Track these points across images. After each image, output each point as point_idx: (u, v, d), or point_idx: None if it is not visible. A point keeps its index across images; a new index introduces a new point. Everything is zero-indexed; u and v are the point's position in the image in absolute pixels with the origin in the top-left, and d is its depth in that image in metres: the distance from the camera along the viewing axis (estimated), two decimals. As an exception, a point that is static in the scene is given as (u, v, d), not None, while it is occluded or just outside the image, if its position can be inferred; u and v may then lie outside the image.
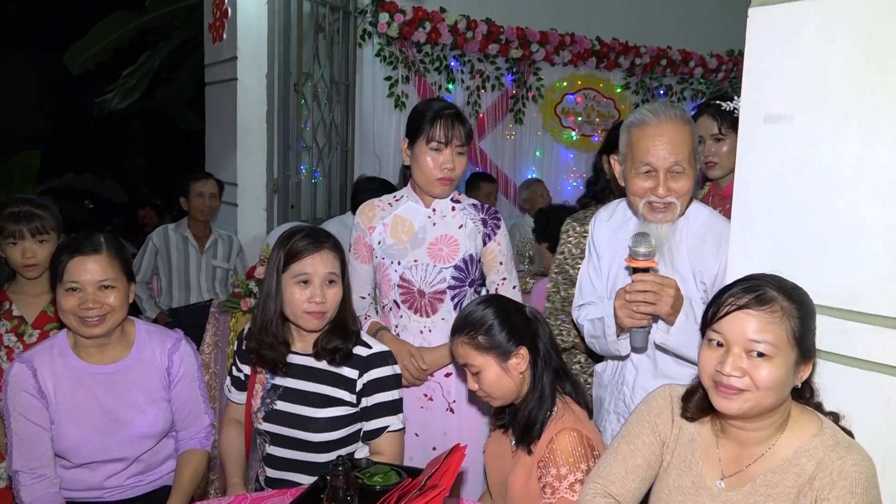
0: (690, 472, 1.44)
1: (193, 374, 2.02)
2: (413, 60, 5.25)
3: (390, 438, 1.88)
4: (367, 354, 1.88)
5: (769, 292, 1.32)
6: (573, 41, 5.84)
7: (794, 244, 1.55)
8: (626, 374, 1.94)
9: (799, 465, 1.33)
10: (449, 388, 2.17)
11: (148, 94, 8.05)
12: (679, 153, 1.75)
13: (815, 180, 1.51)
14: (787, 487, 1.32)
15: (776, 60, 1.55)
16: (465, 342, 1.73)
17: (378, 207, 2.23)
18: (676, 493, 1.45)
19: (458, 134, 2.09)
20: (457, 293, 2.17)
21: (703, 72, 6.45)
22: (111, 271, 1.85)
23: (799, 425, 1.37)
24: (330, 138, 4.81)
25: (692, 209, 1.87)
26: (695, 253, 1.83)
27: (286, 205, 4.52)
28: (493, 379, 1.72)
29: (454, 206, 2.20)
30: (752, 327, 1.30)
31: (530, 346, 1.73)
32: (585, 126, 6.21)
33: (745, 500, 1.36)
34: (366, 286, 2.27)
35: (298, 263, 1.81)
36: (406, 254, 2.15)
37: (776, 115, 1.55)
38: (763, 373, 1.29)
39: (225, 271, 4.14)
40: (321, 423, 1.83)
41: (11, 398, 1.83)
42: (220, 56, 4.69)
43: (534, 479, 1.66)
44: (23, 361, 1.86)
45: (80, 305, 1.81)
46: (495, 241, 2.19)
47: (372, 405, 1.87)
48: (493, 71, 5.67)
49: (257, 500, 1.62)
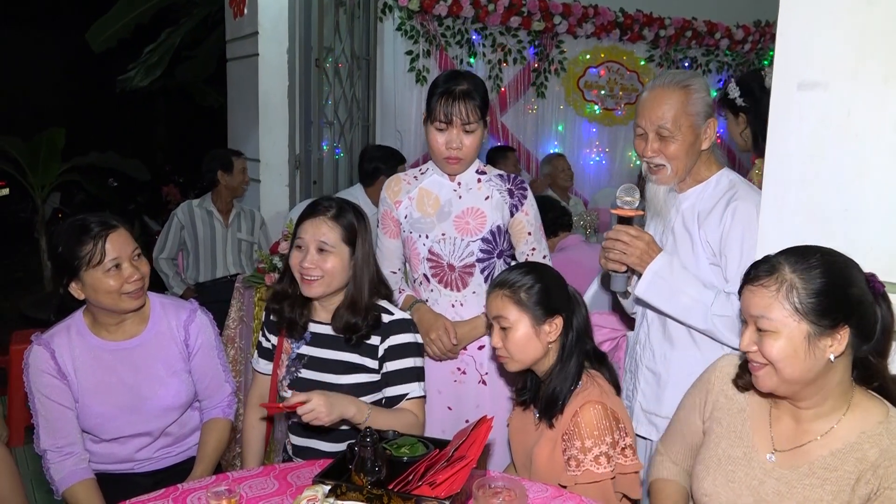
0: (742, 442, 1.44)
1: (211, 344, 2.04)
2: (434, 34, 5.20)
3: (411, 405, 1.89)
4: (389, 321, 1.89)
5: (772, 266, 1.30)
6: (596, 13, 5.74)
7: (829, 216, 1.52)
8: (640, 334, 2.03)
9: (861, 450, 1.30)
10: (481, 360, 2.17)
11: (169, 71, 8.06)
12: (665, 116, 1.82)
13: (851, 150, 1.48)
14: (847, 472, 1.30)
15: (811, 25, 1.51)
16: (505, 295, 1.73)
17: (404, 181, 2.22)
18: (727, 463, 1.45)
19: (461, 112, 2.02)
20: (486, 265, 2.15)
21: (729, 43, 6.31)
22: (134, 241, 1.88)
23: (862, 409, 1.33)
24: (351, 113, 4.80)
25: (716, 176, 1.91)
26: (704, 216, 1.88)
27: (308, 180, 4.53)
28: (520, 339, 1.71)
29: (479, 177, 2.17)
30: (753, 303, 1.31)
31: (565, 320, 1.74)
32: (608, 100, 6.12)
33: (801, 480, 1.34)
34: (395, 261, 2.26)
35: (298, 228, 1.87)
36: (433, 227, 2.14)
37: (811, 82, 1.52)
38: (767, 348, 1.30)
39: (249, 245, 4.18)
40: (344, 390, 1.84)
41: (33, 380, 1.85)
42: (241, 32, 4.68)
43: (558, 451, 1.66)
44: (40, 343, 1.87)
45: (126, 280, 1.82)
46: (522, 212, 2.16)
47: (392, 371, 1.88)
48: (514, 44, 5.60)
49: (285, 472, 1.64)
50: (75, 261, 1.79)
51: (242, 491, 1.53)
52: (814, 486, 1.32)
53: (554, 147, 5.94)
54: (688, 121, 1.82)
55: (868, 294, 1.30)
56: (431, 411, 2.15)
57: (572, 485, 1.61)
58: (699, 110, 1.84)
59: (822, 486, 1.31)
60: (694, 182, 1.91)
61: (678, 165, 1.86)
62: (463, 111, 2.02)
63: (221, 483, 1.48)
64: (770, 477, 1.38)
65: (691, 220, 1.89)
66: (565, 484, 1.62)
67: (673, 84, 1.84)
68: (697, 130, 1.84)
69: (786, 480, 1.36)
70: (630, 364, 2.08)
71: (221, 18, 5.19)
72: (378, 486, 1.43)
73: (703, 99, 1.84)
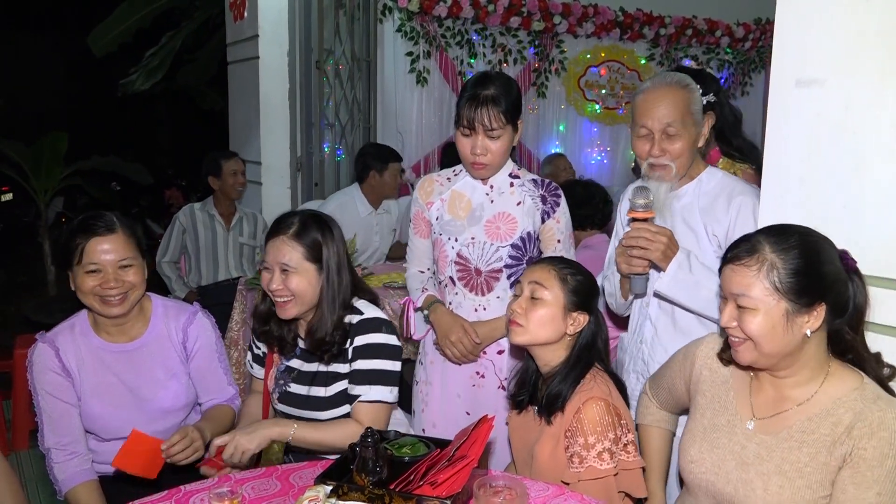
0: (726, 411, 1.51)
1: (211, 347, 2.03)
2: (434, 35, 5.21)
3: (362, 408, 1.84)
4: (357, 321, 1.87)
5: (752, 246, 1.35)
6: (596, 12, 5.75)
7: (827, 212, 1.52)
8: (645, 332, 2.02)
9: (836, 414, 1.35)
10: (501, 365, 2.15)
11: (171, 74, 8.08)
12: (671, 115, 1.84)
13: (848, 146, 1.48)
14: (823, 436, 1.35)
15: (808, 22, 1.51)
16: (553, 270, 1.74)
17: (437, 182, 2.21)
18: (711, 431, 1.52)
19: (484, 119, 1.98)
20: (513, 271, 2.12)
21: (729, 41, 6.32)
22: (129, 250, 1.86)
23: (838, 378, 1.39)
24: (352, 115, 4.81)
25: (706, 173, 1.96)
26: (707, 211, 1.91)
27: (310, 183, 4.54)
28: (546, 314, 1.71)
29: (512, 181, 2.14)
30: (734, 281, 1.36)
31: (588, 322, 1.76)
32: (609, 99, 6.13)
33: (779, 444, 1.40)
34: (425, 260, 2.26)
35: (265, 247, 1.86)
36: (463, 231, 2.12)
37: (808, 79, 1.52)
38: (747, 324, 1.35)
39: (251, 248, 4.18)
40: (324, 402, 1.85)
41: (38, 378, 1.86)
42: (242, 35, 4.69)
43: (560, 448, 1.66)
44: (45, 341, 1.88)
45: (102, 286, 1.82)
46: (554, 219, 2.12)
47: (353, 370, 1.86)
48: (515, 44, 5.60)
49: (287, 472, 1.64)
50: (67, 254, 1.83)
51: (245, 492, 1.54)
52: (792, 448, 1.38)
53: (555, 147, 5.94)
54: (691, 118, 1.86)
55: (842, 272, 1.36)
56: (449, 415, 2.15)
57: (575, 482, 1.61)
58: (698, 108, 1.89)
59: (800, 448, 1.37)
60: (688, 179, 1.95)
61: (682, 163, 1.88)
62: (486, 118, 1.99)
63: (224, 484, 1.49)
64: (751, 442, 1.44)
65: (692, 217, 1.92)
66: (568, 481, 1.62)
67: (674, 83, 1.87)
68: (698, 128, 1.89)
69: (766, 445, 1.42)
70: (636, 365, 2.06)
71: (222, 22, 5.20)
72: (379, 487, 1.44)
73: (699, 100, 1.90)
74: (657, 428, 1.80)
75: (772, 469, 1.39)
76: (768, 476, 1.39)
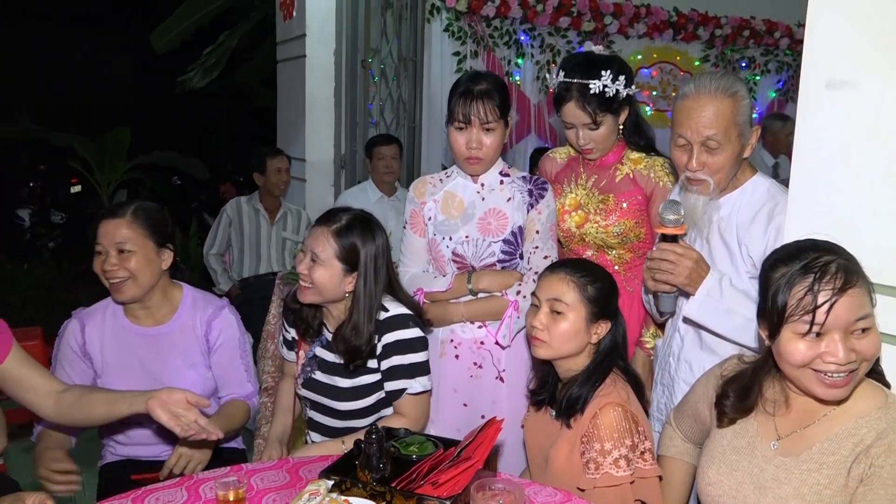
0: (746, 433, 1.46)
1: (234, 343, 2.07)
2: (482, 35, 5.18)
3: (410, 400, 1.90)
4: (384, 318, 1.90)
5: (846, 265, 1.26)
6: (649, 12, 5.63)
7: (857, 218, 1.46)
8: (674, 346, 1.95)
9: (859, 434, 1.31)
10: (499, 356, 2.16)
11: (228, 72, 8.28)
12: (712, 127, 1.69)
13: (880, 150, 1.42)
14: (844, 457, 1.31)
15: (840, 22, 1.45)
16: (571, 280, 1.70)
17: (429, 183, 2.24)
18: (731, 453, 1.47)
19: (480, 112, 2.01)
20: (506, 266, 2.15)
21: (789, 42, 6.10)
22: (129, 234, 1.90)
23: (862, 395, 1.34)
24: (398, 114, 4.84)
25: (751, 182, 1.81)
26: (744, 227, 1.77)
27: (353, 180, 4.59)
28: (569, 328, 1.68)
29: (503, 179, 2.17)
30: (852, 307, 1.24)
31: (610, 329, 1.73)
32: (661, 101, 5.98)
33: (799, 466, 1.36)
34: (424, 259, 2.27)
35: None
36: (457, 229, 2.15)
37: (839, 80, 1.46)
38: (867, 345, 1.26)
39: (294, 244, 4.26)
40: (348, 392, 1.89)
41: (61, 349, 1.98)
42: (291, 33, 4.77)
43: (576, 454, 1.64)
44: (77, 317, 2.00)
45: (104, 267, 1.90)
46: (536, 210, 2.13)
47: (390, 367, 1.90)
48: (564, 45, 5.52)
49: (298, 465, 1.67)
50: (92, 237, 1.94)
51: (254, 482, 1.57)
52: (811, 470, 1.34)
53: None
54: (736, 130, 1.70)
55: None
56: (446, 409, 2.16)
57: (591, 488, 1.59)
58: (746, 119, 1.73)
59: (819, 470, 1.33)
60: (731, 188, 1.80)
61: (721, 178, 1.74)
62: (481, 110, 2.02)
63: (232, 474, 1.52)
64: (770, 464, 1.40)
65: (729, 232, 1.79)
66: (584, 487, 1.60)
67: (720, 91, 1.69)
68: (743, 140, 1.73)
69: (785, 467, 1.37)
70: (663, 377, 2.00)
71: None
72: (381, 484, 1.44)
73: (748, 106, 1.73)
74: (680, 461, 1.73)
75: (790, 493, 1.35)
76: (786, 500, 1.35)
